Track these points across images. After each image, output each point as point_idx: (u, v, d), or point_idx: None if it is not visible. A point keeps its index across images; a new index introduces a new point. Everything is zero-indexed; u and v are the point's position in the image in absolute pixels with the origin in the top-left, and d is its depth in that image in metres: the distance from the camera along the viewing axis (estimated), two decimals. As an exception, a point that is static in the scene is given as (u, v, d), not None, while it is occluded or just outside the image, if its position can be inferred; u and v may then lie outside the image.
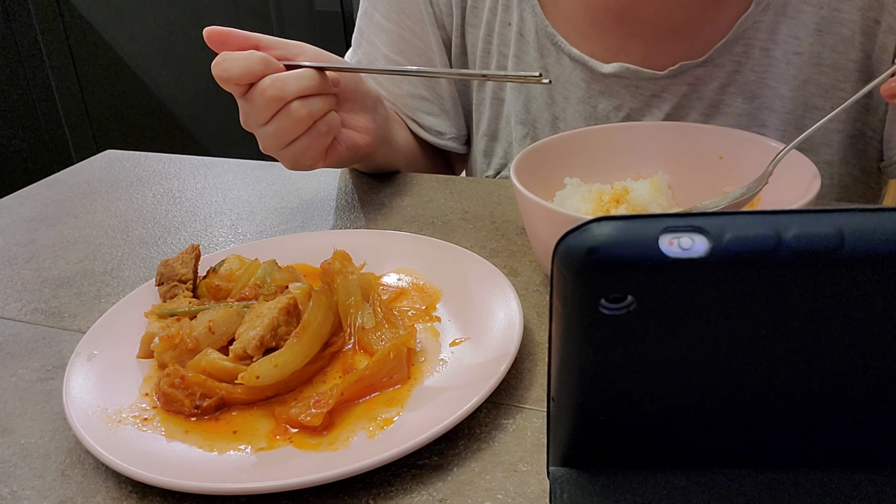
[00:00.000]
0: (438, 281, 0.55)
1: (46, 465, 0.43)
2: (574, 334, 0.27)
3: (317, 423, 0.41)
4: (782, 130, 0.70)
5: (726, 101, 0.70)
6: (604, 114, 0.74)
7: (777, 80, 0.69)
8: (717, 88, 0.70)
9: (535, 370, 0.47)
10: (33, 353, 0.54)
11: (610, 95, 0.73)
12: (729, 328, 0.27)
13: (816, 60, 0.68)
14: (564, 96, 0.75)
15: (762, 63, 0.69)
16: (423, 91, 0.81)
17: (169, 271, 0.55)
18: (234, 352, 0.46)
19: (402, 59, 0.80)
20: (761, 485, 0.32)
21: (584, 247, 0.24)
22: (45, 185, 0.86)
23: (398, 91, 0.81)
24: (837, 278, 0.24)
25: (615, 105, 0.73)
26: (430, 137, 0.83)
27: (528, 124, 0.78)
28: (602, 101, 0.73)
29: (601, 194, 0.56)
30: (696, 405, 0.31)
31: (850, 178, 0.73)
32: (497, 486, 0.39)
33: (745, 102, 0.70)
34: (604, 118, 0.74)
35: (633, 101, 0.72)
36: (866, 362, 0.28)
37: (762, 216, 0.24)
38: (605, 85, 0.72)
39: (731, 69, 0.69)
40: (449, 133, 0.83)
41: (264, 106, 0.60)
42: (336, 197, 0.76)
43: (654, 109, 0.72)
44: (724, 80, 0.70)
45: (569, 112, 0.75)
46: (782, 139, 0.69)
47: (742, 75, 0.69)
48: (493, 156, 0.82)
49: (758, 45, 0.68)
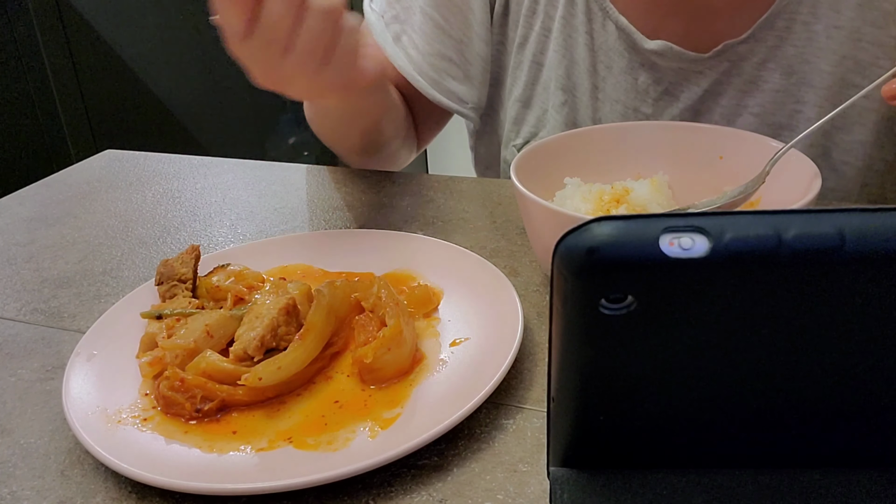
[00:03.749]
0: (438, 281, 0.55)
1: (46, 465, 0.43)
2: (574, 334, 0.27)
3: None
4: (819, 107, 0.69)
5: (764, 77, 0.69)
6: (644, 87, 0.73)
7: (817, 56, 0.68)
8: (756, 64, 0.69)
9: (535, 370, 0.47)
10: (33, 353, 0.53)
11: (651, 69, 0.72)
12: (729, 328, 0.27)
13: (856, 36, 0.67)
14: (607, 66, 0.74)
15: (803, 38, 0.68)
16: (453, 54, 0.78)
17: (168, 271, 0.55)
18: (234, 353, 0.46)
19: (437, 14, 0.76)
20: (761, 485, 0.32)
21: (585, 247, 0.24)
22: (45, 185, 0.86)
23: (429, 49, 0.77)
24: (837, 278, 0.24)
25: (655, 78, 0.72)
26: (451, 104, 0.79)
27: (568, 91, 0.76)
28: (643, 73, 0.73)
29: (601, 194, 0.56)
30: (697, 405, 0.31)
31: (884, 164, 0.72)
32: (497, 486, 0.39)
33: (783, 78, 0.69)
34: (643, 91, 0.73)
35: (673, 76, 0.72)
36: (866, 362, 0.28)
37: (762, 216, 0.24)
38: (646, 58, 0.72)
39: (772, 44, 0.68)
40: (470, 102, 0.81)
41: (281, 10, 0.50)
42: (336, 197, 0.76)
43: (693, 86, 0.71)
44: (765, 55, 0.69)
45: (609, 82, 0.74)
46: (819, 116, 0.67)
47: (782, 50, 0.68)
48: (524, 123, 0.80)
49: (800, 18, 0.67)
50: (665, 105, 0.73)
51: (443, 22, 0.77)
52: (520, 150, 0.79)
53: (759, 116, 0.70)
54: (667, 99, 0.72)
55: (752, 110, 0.70)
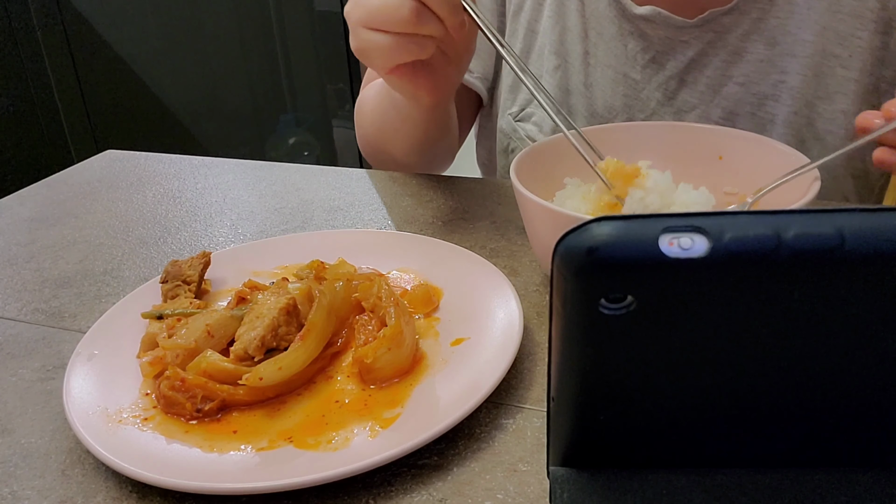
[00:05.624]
0: (438, 281, 0.55)
1: (46, 465, 0.43)
2: (574, 334, 0.27)
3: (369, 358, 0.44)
4: (803, 75, 0.70)
5: (748, 49, 0.71)
6: (632, 54, 0.75)
7: (798, 26, 0.70)
8: (740, 35, 0.71)
9: (535, 370, 0.47)
10: (33, 353, 0.54)
11: (639, 36, 0.74)
12: (729, 328, 0.27)
13: (836, 7, 0.68)
14: (598, 31, 0.76)
15: (785, 9, 0.69)
16: None
17: (176, 270, 0.56)
18: (234, 353, 0.46)
19: None
20: (761, 485, 0.32)
21: (584, 247, 0.24)
22: (45, 185, 0.86)
23: None
24: (837, 278, 0.24)
25: (643, 46, 0.74)
26: None
27: (560, 56, 0.79)
28: (632, 41, 0.75)
29: (601, 194, 0.56)
30: (696, 405, 0.31)
31: None
32: (497, 486, 0.39)
33: (766, 48, 0.71)
34: (632, 58, 0.75)
35: (661, 44, 0.74)
36: (866, 362, 0.28)
37: (762, 216, 0.24)
38: (636, 26, 0.74)
39: (756, 16, 0.70)
40: (477, 72, 0.83)
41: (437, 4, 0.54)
42: (336, 197, 0.76)
43: (679, 55, 0.73)
44: (748, 27, 0.71)
45: (600, 48, 0.76)
46: (802, 86, 0.70)
47: (765, 22, 0.70)
48: (520, 91, 0.82)
49: None
50: (652, 73, 0.75)
51: None
52: (516, 118, 0.81)
53: (743, 86, 0.72)
54: (654, 66, 0.74)
55: (737, 80, 0.72)
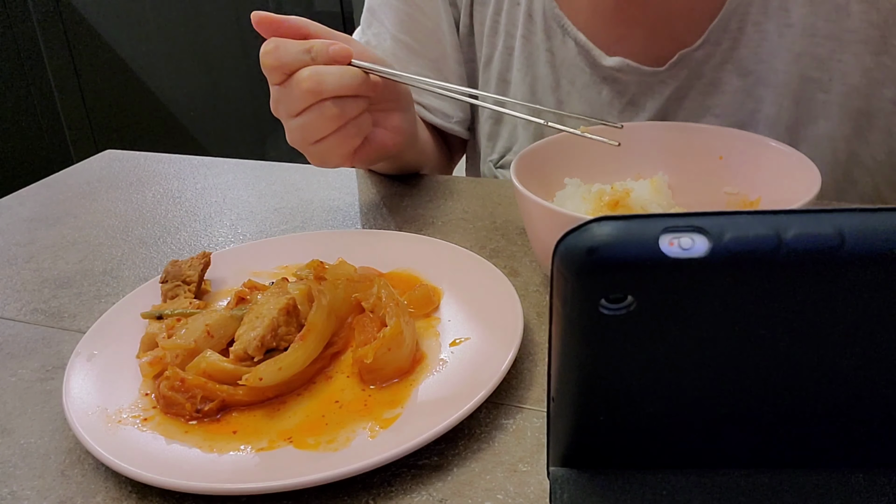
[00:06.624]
0: (438, 281, 0.55)
1: (46, 465, 0.43)
2: (574, 334, 0.27)
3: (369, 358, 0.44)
4: (779, 105, 0.69)
5: (723, 79, 0.71)
6: (607, 99, 0.74)
7: (771, 54, 0.69)
8: (714, 67, 0.71)
9: (535, 370, 0.47)
10: (33, 353, 0.54)
11: (612, 82, 0.73)
12: (729, 328, 0.27)
13: (810, 31, 0.67)
14: (570, 80, 0.75)
15: (755, 38, 0.69)
16: (430, 73, 0.80)
17: (176, 270, 0.56)
18: (234, 353, 0.46)
19: (409, 39, 0.79)
20: (761, 485, 0.32)
21: (584, 247, 0.24)
22: (45, 185, 0.86)
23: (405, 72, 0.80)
24: (837, 278, 0.24)
25: (617, 91, 0.73)
26: (437, 120, 0.82)
27: None
28: (605, 88, 0.74)
29: (601, 194, 0.56)
30: (697, 405, 0.31)
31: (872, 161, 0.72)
32: (497, 486, 0.39)
33: (739, 79, 0.70)
34: (608, 104, 0.74)
35: (636, 87, 0.73)
36: (866, 362, 0.28)
37: (762, 216, 0.24)
38: (608, 73, 0.73)
39: (728, 47, 0.70)
40: (455, 116, 0.83)
41: (298, 97, 0.58)
42: (336, 197, 0.76)
43: (656, 94, 0.73)
44: (721, 57, 0.70)
45: (573, 97, 0.76)
46: (778, 115, 0.69)
47: (737, 52, 0.70)
48: (498, 138, 0.82)
49: (751, 19, 0.68)
50: (630, 115, 0.74)
51: (415, 45, 0.79)
52: (496, 165, 0.82)
53: (720, 117, 0.72)
54: (631, 109, 0.74)
55: (714, 111, 0.72)
